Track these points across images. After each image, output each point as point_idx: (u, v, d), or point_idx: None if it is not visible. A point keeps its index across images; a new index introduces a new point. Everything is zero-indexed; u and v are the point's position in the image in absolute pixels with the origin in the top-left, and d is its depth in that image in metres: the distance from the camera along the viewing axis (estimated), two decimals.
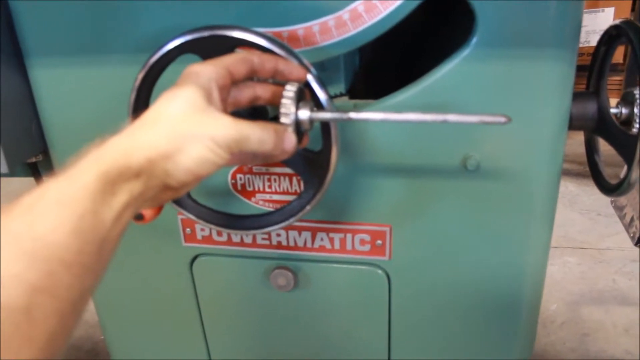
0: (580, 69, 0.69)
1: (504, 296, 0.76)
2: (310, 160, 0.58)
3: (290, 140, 0.50)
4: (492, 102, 0.63)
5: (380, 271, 0.76)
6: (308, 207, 0.59)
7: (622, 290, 1.95)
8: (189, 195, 0.61)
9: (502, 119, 0.48)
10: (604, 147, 0.81)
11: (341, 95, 0.74)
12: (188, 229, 0.78)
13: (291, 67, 0.51)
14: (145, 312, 0.89)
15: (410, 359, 0.84)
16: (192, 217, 0.62)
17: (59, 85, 0.71)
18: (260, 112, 0.61)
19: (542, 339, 1.72)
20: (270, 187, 0.72)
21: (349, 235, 0.74)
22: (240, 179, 0.73)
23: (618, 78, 2.88)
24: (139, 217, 0.54)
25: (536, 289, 0.78)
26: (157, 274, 0.84)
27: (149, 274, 0.85)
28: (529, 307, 0.78)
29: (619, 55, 3.05)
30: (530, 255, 0.73)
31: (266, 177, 0.72)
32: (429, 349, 0.83)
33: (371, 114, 0.51)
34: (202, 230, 0.78)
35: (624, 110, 0.73)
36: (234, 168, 0.72)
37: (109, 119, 0.55)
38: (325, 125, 0.55)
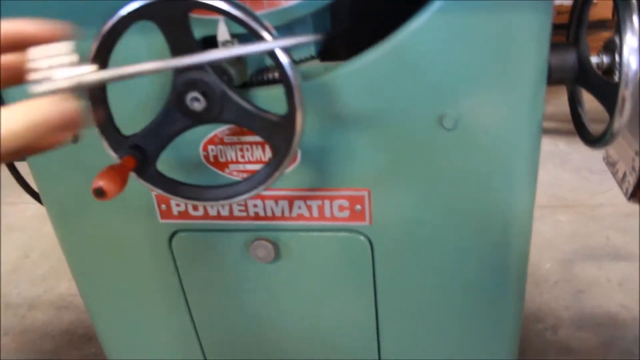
0: (558, 27, 0.66)
1: (491, 256, 0.75)
2: (277, 125, 0.55)
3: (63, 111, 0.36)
4: (467, 55, 0.61)
5: (362, 237, 0.75)
6: (277, 174, 0.57)
7: (616, 246, 1.95)
8: (155, 168, 0.59)
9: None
10: (590, 103, 0.79)
11: (312, 58, 0.71)
12: (163, 205, 0.76)
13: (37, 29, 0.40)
14: (128, 292, 0.88)
15: (398, 327, 0.83)
16: (159, 190, 0.60)
17: None
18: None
19: (536, 298, 1.73)
20: (243, 157, 0.70)
21: (326, 202, 0.72)
22: (212, 150, 0.71)
23: (607, 34, 2.85)
24: (101, 193, 0.51)
25: (523, 245, 0.77)
26: (136, 253, 0.83)
27: (128, 253, 0.83)
28: (516, 264, 0.77)
29: (607, 11, 3.02)
30: (514, 212, 0.72)
31: (238, 147, 0.70)
32: (417, 316, 0.82)
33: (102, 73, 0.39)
34: (178, 205, 0.76)
35: (605, 59, 0.71)
36: (206, 139, 0.70)
37: None
38: (288, 87, 0.53)
